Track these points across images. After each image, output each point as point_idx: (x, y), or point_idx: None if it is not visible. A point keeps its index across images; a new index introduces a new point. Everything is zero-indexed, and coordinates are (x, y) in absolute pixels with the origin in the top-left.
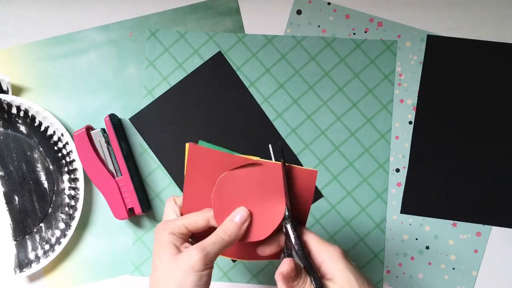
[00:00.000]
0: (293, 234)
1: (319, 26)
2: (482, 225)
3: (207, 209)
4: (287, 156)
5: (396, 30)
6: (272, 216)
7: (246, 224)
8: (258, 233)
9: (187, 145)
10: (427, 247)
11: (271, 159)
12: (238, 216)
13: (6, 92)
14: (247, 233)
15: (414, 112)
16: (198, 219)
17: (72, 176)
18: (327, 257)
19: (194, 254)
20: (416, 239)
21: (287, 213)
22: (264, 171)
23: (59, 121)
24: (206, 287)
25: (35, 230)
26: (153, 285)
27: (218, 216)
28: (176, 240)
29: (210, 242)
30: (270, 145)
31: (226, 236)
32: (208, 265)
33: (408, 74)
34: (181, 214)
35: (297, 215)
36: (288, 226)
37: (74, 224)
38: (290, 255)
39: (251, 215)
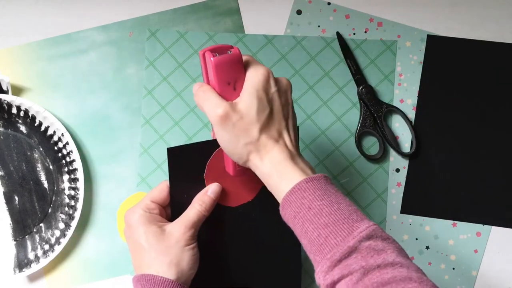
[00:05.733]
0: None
1: (319, 26)
2: (482, 225)
3: (164, 181)
4: None
5: (396, 30)
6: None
7: (217, 197)
8: (244, 197)
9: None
10: (427, 247)
11: None
12: (210, 190)
13: (6, 92)
14: (232, 199)
15: (414, 112)
16: (161, 189)
17: (72, 176)
18: (248, 76)
19: (183, 230)
20: (416, 239)
21: None
22: None
23: (59, 121)
24: (198, 256)
25: (35, 230)
26: (145, 267)
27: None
28: (152, 218)
29: (193, 217)
30: None
31: (203, 208)
32: (195, 238)
33: (408, 74)
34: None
35: None
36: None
37: (74, 224)
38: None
39: (235, 183)
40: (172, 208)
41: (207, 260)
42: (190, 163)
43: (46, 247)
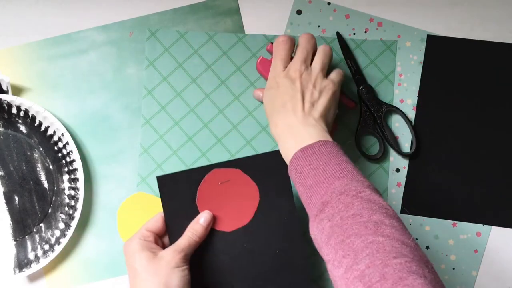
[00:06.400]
0: None
1: (319, 26)
2: (482, 225)
3: (159, 212)
4: None
5: (396, 30)
6: (246, 205)
7: (210, 224)
8: (239, 221)
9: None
10: (427, 247)
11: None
12: (202, 219)
13: (6, 92)
14: (227, 224)
15: (414, 112)
16: (156, 219)
17: (72, 176)
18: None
19: (174, 254)
20: (416, 239)
21: None
22: (225, 175)
23: (59, 121)
24: (188, 279)
25: (35, 230)
26: (135, 285)
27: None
28: (146, 245)
29: (184, 243)
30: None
31: (195, 236)
32: (186, 261)
33: (408, 74)
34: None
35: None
36: None
37: (74, 224)
38: None
39: (228, 207)
40: (169, 236)
41: (207, 285)
42: (181, 191)
43: (46, 247)
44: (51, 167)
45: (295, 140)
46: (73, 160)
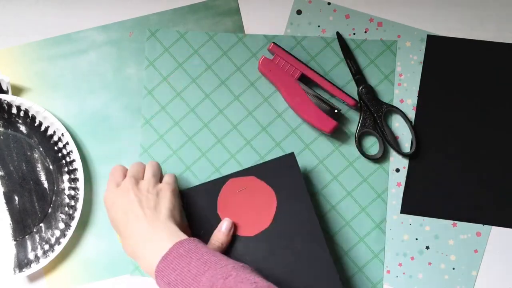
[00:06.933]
0: None
1: (319, 26)
2: (482, 225)
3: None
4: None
5: (396, 30)
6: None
7: (231, 230)
8: (260, 225)
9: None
10: (427, 247)
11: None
12: (223, 226)
13: (6, 92)
14: (249, 229)
15: (414, 112)
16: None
17: (72, 176)
18: None
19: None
20: (416, 239)
21: None
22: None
23: (59, 121)
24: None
25: (35, 230)
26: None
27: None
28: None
29: (211, 251)
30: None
31: (218, 243)
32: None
33: (408, 74)
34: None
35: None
36: None
37: (74, 224)
38: None
39: (245, 214)
40: None
41: None
42: (202, 202)
43: (46, 247)
44: (51, 167)
45: (151, 251)
46: (73, 160)
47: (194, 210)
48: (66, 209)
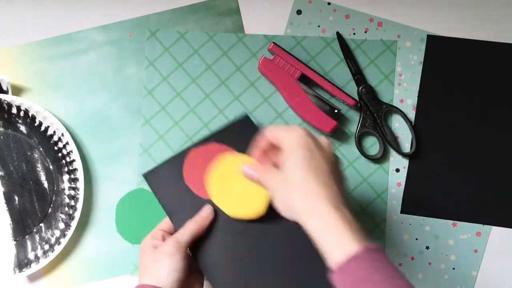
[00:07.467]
0: None
1: (319, 26)
2: (482, 225)
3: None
4: None
5: (396, 30)
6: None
7: (211, 216)
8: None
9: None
10: (427, 247)
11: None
12: (203, 211)
13: (6, 92)
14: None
15: (414, 112)
16: (166, 218)
17: (72, 176)
18: (284, 147)
19: (167, 243)
20: (416, 239)
21: None
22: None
23: (59, 121)
24: (183, 271)
25: (35, 230)
26: (139, 278)
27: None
28: (152, 243)
29: (180, 232)
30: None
31: (194, 227)
32: (179, 249)
33: (408, 74)
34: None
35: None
36: None
37: (74, 224)
38: None
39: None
40: (174, 227)
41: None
42: (168, 181)
43: (46, 247)
44: (51, 167)
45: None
46: (73, 160)
47: (163, 191)
48: (66, 209)
